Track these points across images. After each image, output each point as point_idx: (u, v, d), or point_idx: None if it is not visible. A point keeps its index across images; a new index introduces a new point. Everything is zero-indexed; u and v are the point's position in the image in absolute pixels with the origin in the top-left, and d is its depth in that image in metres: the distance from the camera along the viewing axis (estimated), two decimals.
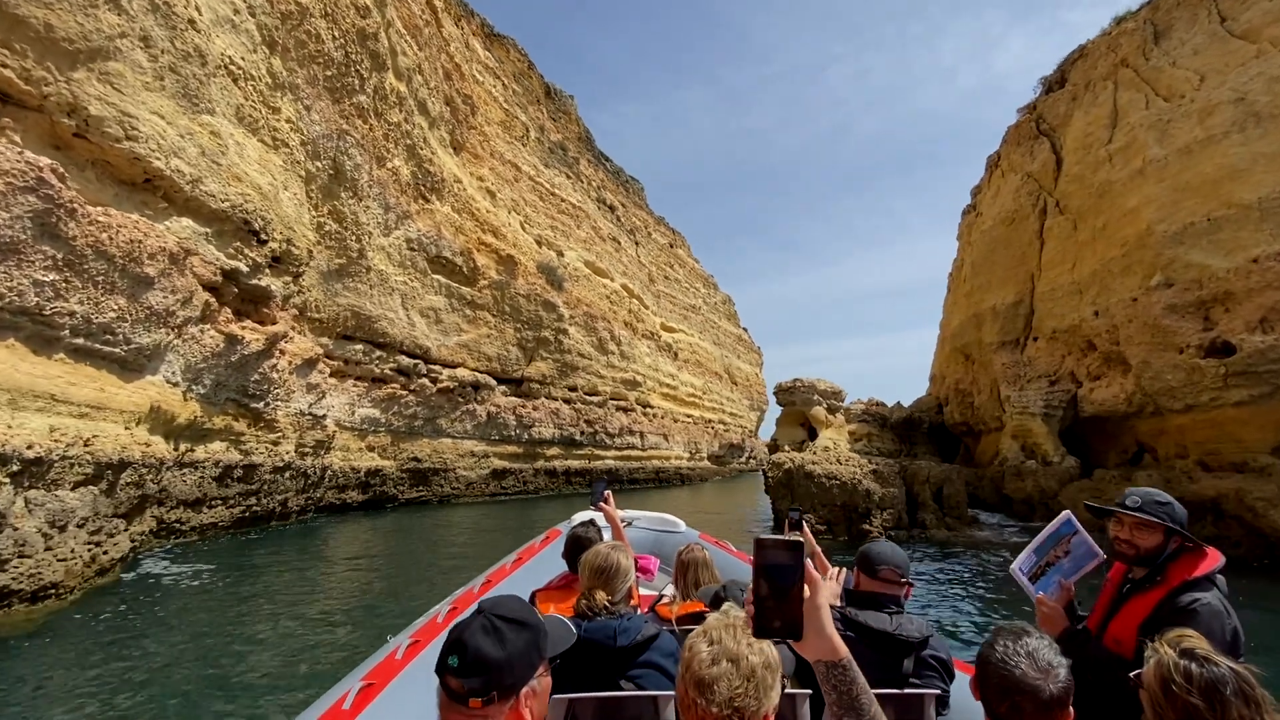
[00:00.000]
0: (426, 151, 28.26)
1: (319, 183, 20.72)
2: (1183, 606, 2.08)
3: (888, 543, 2.46)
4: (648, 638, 2.11)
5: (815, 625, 1.23)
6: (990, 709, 1.41)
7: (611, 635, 2.06)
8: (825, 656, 1.25)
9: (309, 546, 16.91)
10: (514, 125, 42.72)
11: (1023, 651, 1.39)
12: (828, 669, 1.25)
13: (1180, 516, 2.23)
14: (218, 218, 13.36)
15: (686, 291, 73.28)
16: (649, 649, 2.11)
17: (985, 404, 20.13)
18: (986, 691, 1.41)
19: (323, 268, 21.98)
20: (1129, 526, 2.27)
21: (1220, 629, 2.01)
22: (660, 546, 5.48)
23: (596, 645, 2.04)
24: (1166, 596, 2.15)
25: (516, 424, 36.21)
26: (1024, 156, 19.28)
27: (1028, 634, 1.44)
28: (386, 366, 27.51)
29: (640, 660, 2.09)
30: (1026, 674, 1.35)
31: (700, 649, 1.23)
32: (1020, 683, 1.34)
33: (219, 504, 16.72)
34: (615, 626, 2.08)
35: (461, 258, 31.21)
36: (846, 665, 1.25)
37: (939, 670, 2.25)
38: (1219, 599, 2.10)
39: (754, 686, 1.19)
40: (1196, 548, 2.22)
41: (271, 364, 17.11)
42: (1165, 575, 2.20)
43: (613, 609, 2.17)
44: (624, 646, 2.06)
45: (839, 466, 14.78)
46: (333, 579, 12.69)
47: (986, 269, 19.98)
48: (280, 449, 18.59)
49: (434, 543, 18.73)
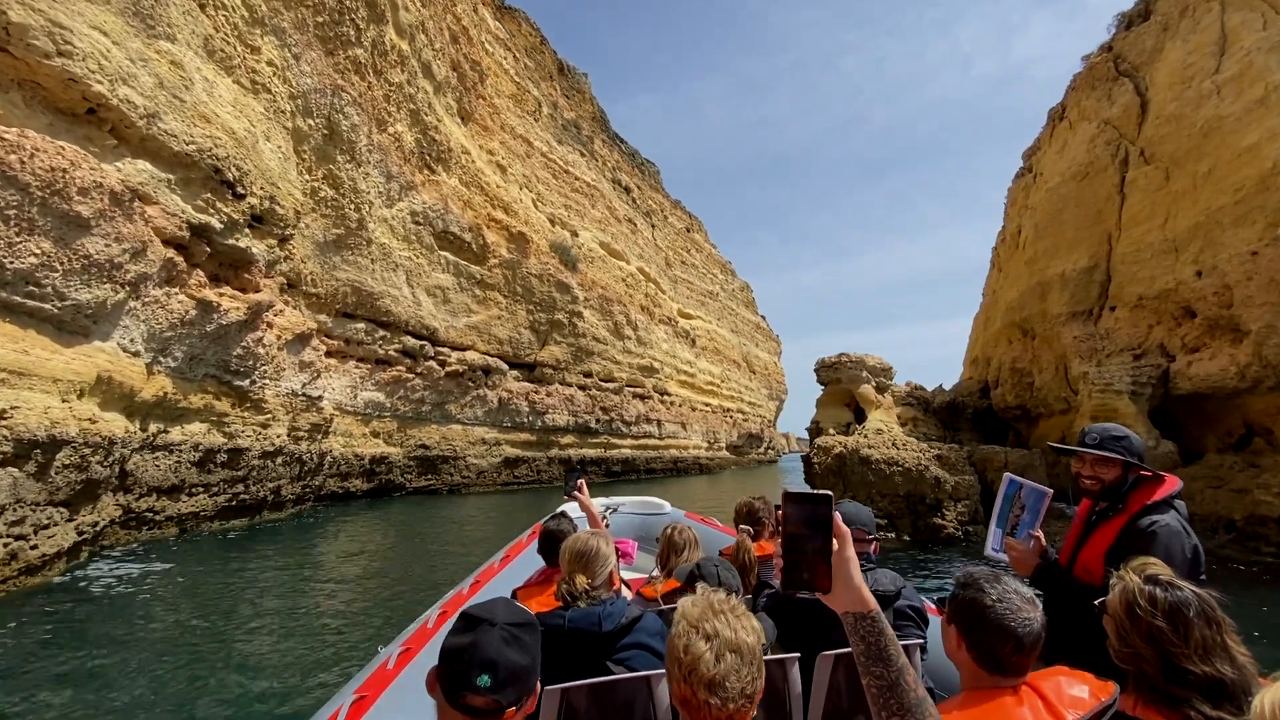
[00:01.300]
0: (431, 118, 26.43)
1: (312, 143, 18.99)
2: (1143, 529, 2.22)
3: (850, 502, 2.42)
4: (632, 619, 2.09)
5: (844, 577, 1.24)
6: (986, 648, 1.41)
7: (596, 621, 2.05)
8: (854, 608, 1.25)
9: (300, 542, 15.30)
10: (525, 99, 40.73)
11: (1011, 589, 1.43)
12: (856, 620, 1.25)
13: (1138, 448, 2.37)
14: (181, 163, 11.62)
15: (704, 277, 71.09)
16: (634, 630, 2.09)
17: (1049, 383, 17.92)
18: (979, 632, 1.42)
19: (318, 237, 20.29)
20: (1090, 463, 2.41)
21: (1180, 548, 2.16)
22: (646, 529, 5.47)
23: (582, 633, 2.03)
24: (1128, 522, 2.28)
25: (529, 410, 34.51)
26: (1099, 102, 16.98)
27: (1001, 574, 1.49)
28: (391, 348, 25.86)
29: (626, 642, 2.06)
30: (1021, 608, 1.40)
31: (699, 648, 1.22)
32: (1018, 618, 1.38)
33: (200, 491, 15.12)
34: (599, 612, 2.07)
35: (470, 234, 29.42)
36: (875, 617, 1.25)
37: (915, 619, 2.30)
38: (1177, 520, 2.24)
39: (757, 669, 1.24)
40: (1155, 476, 2.36)
41: (257, 338, 15.43)
42: (1126, 504, 2.33)
43: (594, 593, 2.16)
44: (610, 631, 2.05)
45: (900, 451, 12.76)
46: (324, 581, 11.02)
47: (1053, 232, 17.71)
48: (270, 432, 16.95)
49: (442, 536, 17.06)
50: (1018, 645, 1.38)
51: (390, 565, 12.88)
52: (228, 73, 13.13)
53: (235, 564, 12.07)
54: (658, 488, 36.92)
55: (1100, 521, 2.38)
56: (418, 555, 14.22)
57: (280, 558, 13.26)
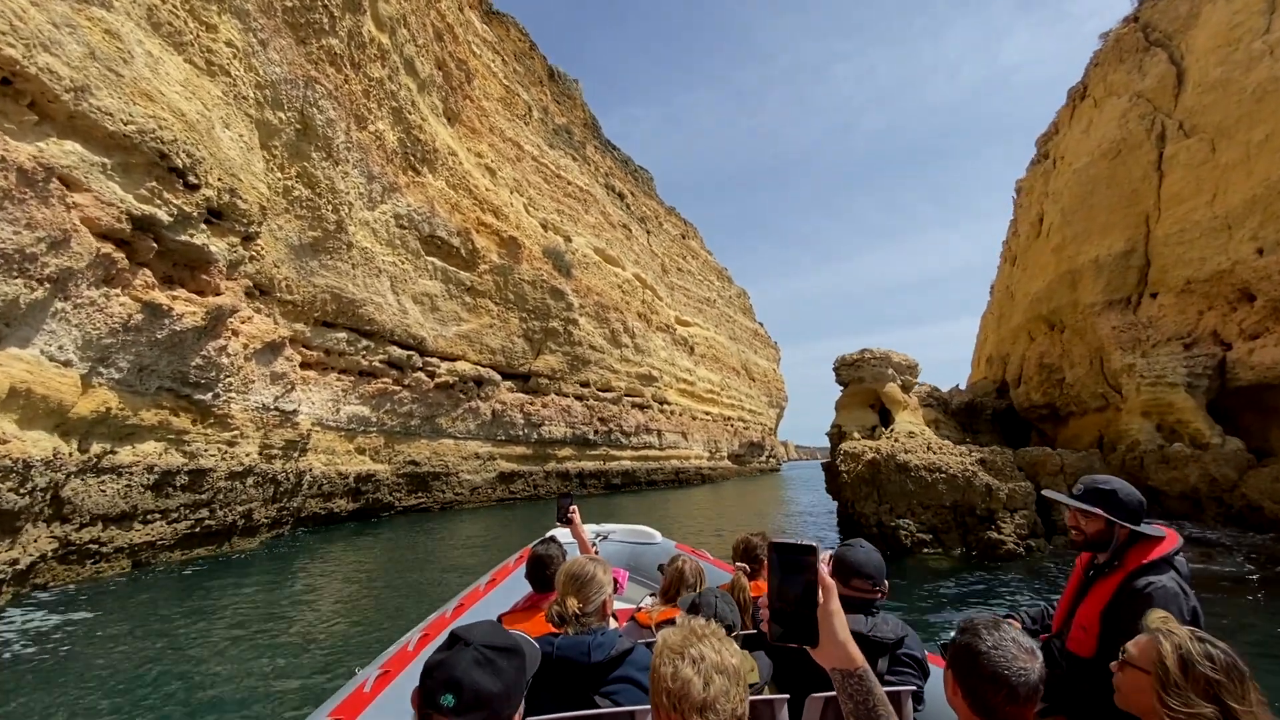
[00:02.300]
0: (415, 117, 25.15)
1: (284, 138, 17.64)
2: (1139, 590, 2.11)
3: (864, 549, 2.34)
4: (622, 651, 2.03)
5: (829, 632, 1.23)
6: (981, 699, 1.38)
7: (585, 651, 1.99)
8: (840, 665, 1.24)
9: (273, 571, 13.76)
10: (515, 103, 39.57)
11: (1009, 639, 1.39)
12: (844, 678, 1.25)
13: (1126, 502, 2.23)
14: (119, 145, 10.23)
15: (700, 284, 69.89)
16: (624, 663, 2.02)
17: (1083, 379, 16.62)
18: (975, 681, 1.39)
19: (293, 240, 18.89)
20: (1074, 514, 2.35)
21: (1179, 611, 2.02)
22: (637, 559, 5.32)
23: (570, 662, 1.98)
24: (1123, 581, 2.18)
25: (524, 422, 32.99)
26: (1129, 75, 15.81)
27: (1001, 622, 1.45)
28: (376, 358, 24.37)
29: (615, 675, 2.00)
30: (1018, 658, 1.36)
31: (686, 673, 1.19)
32: (1013, 668, 1.35)
33: (156, 518, 13.59)
34: (589, 642, 2.01)
35: (459, 238, 28.06)
36: (863, 675, 1.24)
37: (914, 668, 2.25)
38: (1175, 581, 2.12)
39: (743, 688, 1.21)
40: (1149, 534, 2.23)
41: (219, 346, 13.97)
42: (1123, 561, 2.23)
43: (584, 619, 2.11)
44: (599, 662, 1.98)
45: (942, 455, 11.28)
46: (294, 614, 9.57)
47: (1082, 216, 16.47)
48: (238, 450, 15.44)
49: (433, 560, 15.56)
50: (1011, 695, 1.35)
51: (374, 594, 11.45)
52: (177, 50, 11.78)
53: (196, 597, 10.60)
54: (659, 499, 35.45)
55: (1098, 577, 2.31)
56: (405, 582, 12.77)
57: (247, 589, 11.76)
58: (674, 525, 21.14)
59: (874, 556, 2.34)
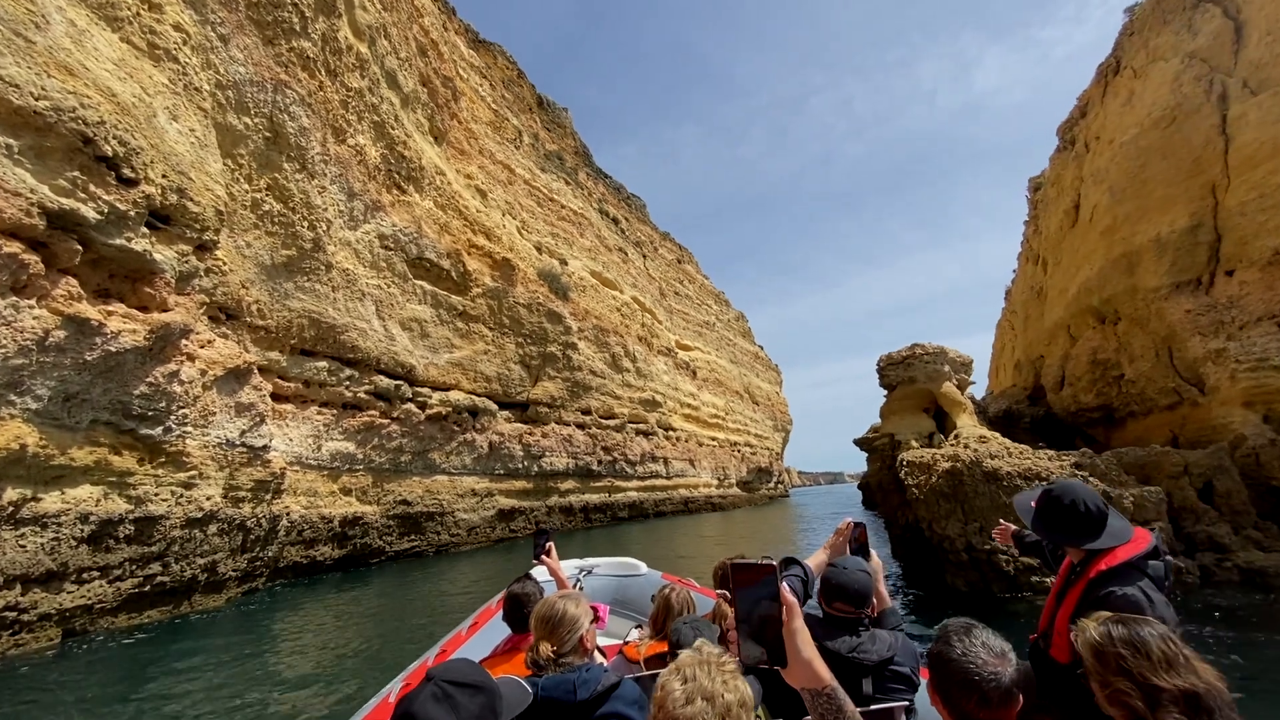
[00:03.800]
0: (399, 132, 23.75)
1: (251, 146, 16.07)
2: (1099, 599, 2.09)
3: (847, 571, 2.33)
4: (609, 686, 1.97)
5: (792, 650, 1.24)
6: (955, 706, 1.40)
7: (571, 689, 1.92)
8: (809, 684, 1.25)
9: (238, 635, 11.64)
10: (505, 127, 38.53)
11: (978, 643, 1.41)
12: (813, 697, 1.26)
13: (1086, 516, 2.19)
14: (30, 124, 8.52)
15: (698, 308, 68.50)
16: (610, 698, 1.96)
17: (1148, 373, 14.82)
18: (948, 689, 1.41)
19: (263, 259, 17.16)
20: None
21: None
22: (623, 591, 5.26)
23: (556, 702, 1.90)
24: (1085, 589, 2.17)
25: (524, 454, 30.88)
26: (1178, 35, 14.48)
27: (975, 626, 1.47)
28: (361, 389, 22.41)
29: (602, 712, 1.94)
30: (987, 663, 1.37)
31: (674, 688, 1.20)
32: (983, 673, 1.36)
33: (95, 576, 11.50)
34: (574, 679, 1.95)
35: (449, 260, 26.43)
36: (831, 693, 1.26)
37: (903, 684, 2.24)
38: (1138, 589, 2.06)
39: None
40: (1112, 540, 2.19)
41: (169, 372, 12.07)
42: (1086, 568, 2.21)
43: (562, 660, 2.03)
44: (585, 700, 1.91)
45: (1039, 460, 9.28)
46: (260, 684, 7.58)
47: (1135, 193, 14.91)
48: (196, 493, 13.40)
49: (425, 608, 13.44)
50: (983, 700, 1.35)
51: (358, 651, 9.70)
52: (110, 25, 10.18)
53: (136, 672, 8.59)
54: (667, 528, 33.16)
55: (1070, 585, 2.28)
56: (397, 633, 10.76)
57: (204, 656, 9.73)
58: (690, 562, 18.99)
59: (859, 578, 2.31)
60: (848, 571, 2.31)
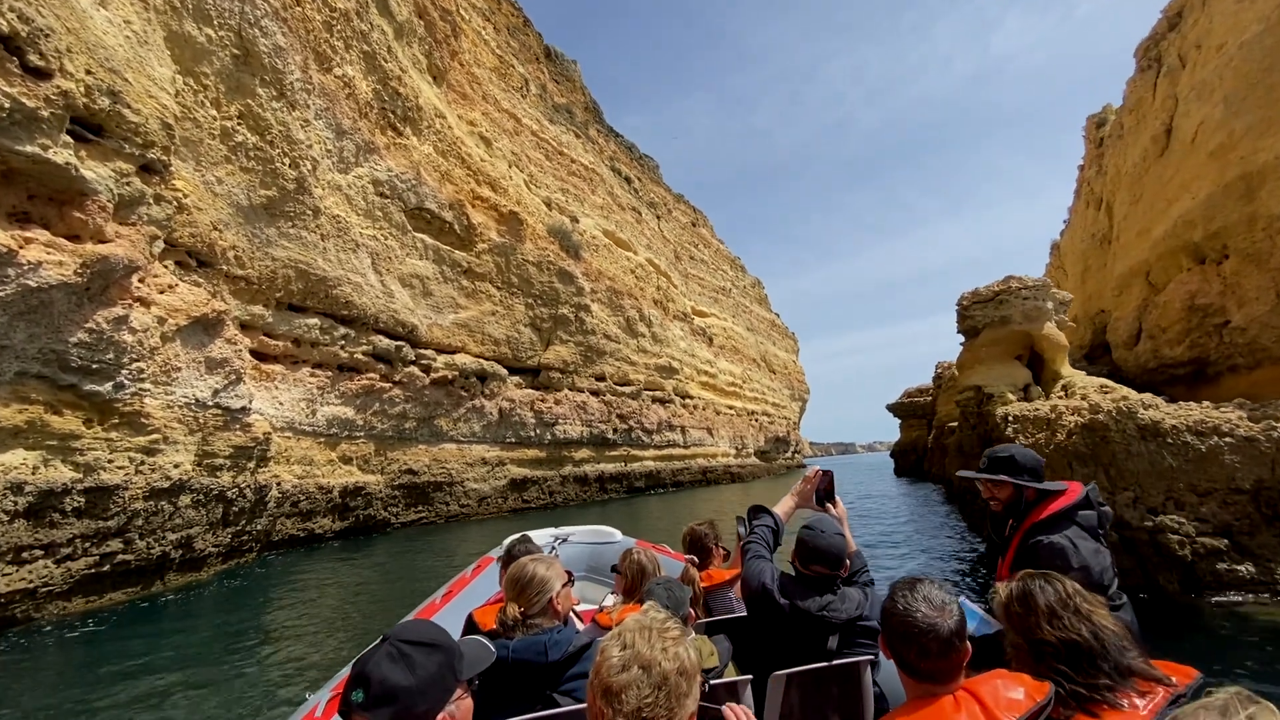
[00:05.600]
0: (393, 65, 21.44)
1: (216, 65, 13.95)
2: (1030, 549, 2.21)
3: (826, 535, 2.35)
4: (580, 647, 1.99)
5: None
6: (900, 658, 1.44)
7: (543, 650, 1.93)
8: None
9: (215, 612, 10.06)
10: (510, 75, 35.80)
11: (919, 596, 1.44)
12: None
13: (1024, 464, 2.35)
14: None
15: (714, 273, 65.90)
16: (581, 659, 1.97)
17: (1265, 317, 12.61)
18: (893, 641, 1.45)
19: (239, 198, 15.16)
20: (986, 485, 2.48)
21: (1063, 566, 2.03)
22: (597, 559, 5.37)
23: (528, 664, 1.91)
24: (1019, 542, 2.29)
25: (536, 422, 29.14)
26: None
27: (920, 581, 1.50)
28: (358, 350, 20.59)
29: (574, 672, 1.95)
30: (926, 615, 1.40)
31: (611, 653, 1.16)
32: (920, 625, 1.39)
33: (37, 555, 9.85)
34: (545, 641, 1.95)
35: (451, 212, 24.30)
36: None
37: (871, 638, 2.28)
38: (1065, 537, 2.14)
39: (665, 695, 1.12)
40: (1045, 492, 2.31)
41: (115, 317, 10.21)
42: (1022, 523, 2.33)
43: (530, 621, 2.03)
44: (556, 660, 1.92)
45: (1211, 412, 7.07)
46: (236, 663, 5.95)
47: (1257, 103, 12.47)
48: (161, 460, 11.68)
49: (429, 576, 11.70)
50: (922, 651, 1.38)
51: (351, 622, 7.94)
52: None
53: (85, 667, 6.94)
54: (686, 499, 31.52)
55: (1010, 542, 2.38)
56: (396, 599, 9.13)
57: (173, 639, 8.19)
58: None
59: (834, 541, 2.34)
60: (825, 535, 2.35)
